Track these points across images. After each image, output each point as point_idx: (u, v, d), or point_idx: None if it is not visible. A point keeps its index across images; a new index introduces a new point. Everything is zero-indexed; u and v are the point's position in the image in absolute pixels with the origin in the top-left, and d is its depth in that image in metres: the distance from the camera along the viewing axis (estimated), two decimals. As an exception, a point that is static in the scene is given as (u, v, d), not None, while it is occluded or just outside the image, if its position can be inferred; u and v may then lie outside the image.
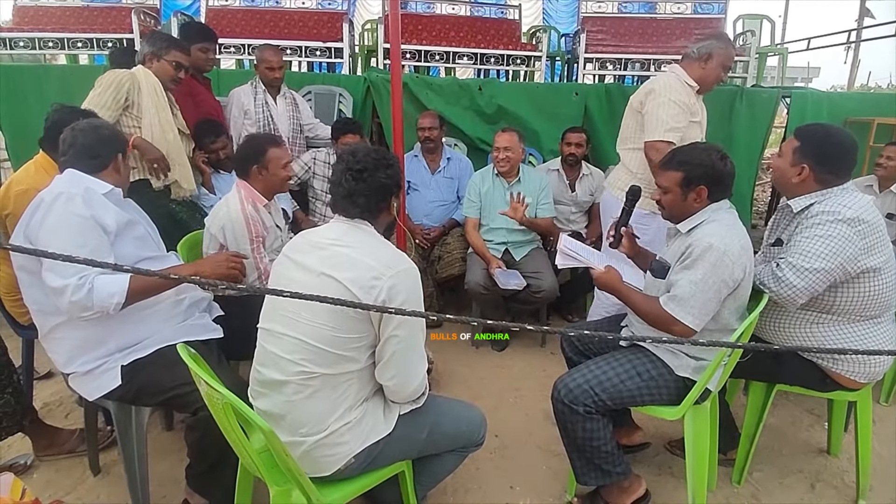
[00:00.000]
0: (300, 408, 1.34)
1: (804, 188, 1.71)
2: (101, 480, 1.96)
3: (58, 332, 1.60)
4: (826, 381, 1.79)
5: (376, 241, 1.41)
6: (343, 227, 1.42)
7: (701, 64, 2.41)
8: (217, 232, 2.07)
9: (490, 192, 3.09)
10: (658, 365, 1.71)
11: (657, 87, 2.36)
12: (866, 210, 1.64)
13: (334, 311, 1.29)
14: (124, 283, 1.52)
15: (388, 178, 1.43)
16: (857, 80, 6.92)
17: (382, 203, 1.44)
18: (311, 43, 4.13)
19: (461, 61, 4.30)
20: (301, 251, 1.42)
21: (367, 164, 1.41)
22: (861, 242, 1.61)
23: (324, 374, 1.33)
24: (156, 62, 2.47)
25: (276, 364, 1.36)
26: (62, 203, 1.50)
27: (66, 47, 4.03)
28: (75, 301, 1.46)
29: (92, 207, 1.53)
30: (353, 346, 1.33)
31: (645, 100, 2.39)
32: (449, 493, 1.93)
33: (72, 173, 1.63)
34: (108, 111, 2.32)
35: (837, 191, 1.68)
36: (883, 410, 2.49)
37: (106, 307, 1.50)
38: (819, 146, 1.69)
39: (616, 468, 1.76)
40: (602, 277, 1.79)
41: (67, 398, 2.40)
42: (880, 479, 2.04)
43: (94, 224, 1.52)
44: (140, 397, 1.63)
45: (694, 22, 4.79)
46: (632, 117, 2.51)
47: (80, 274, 1.47)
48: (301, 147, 3.36)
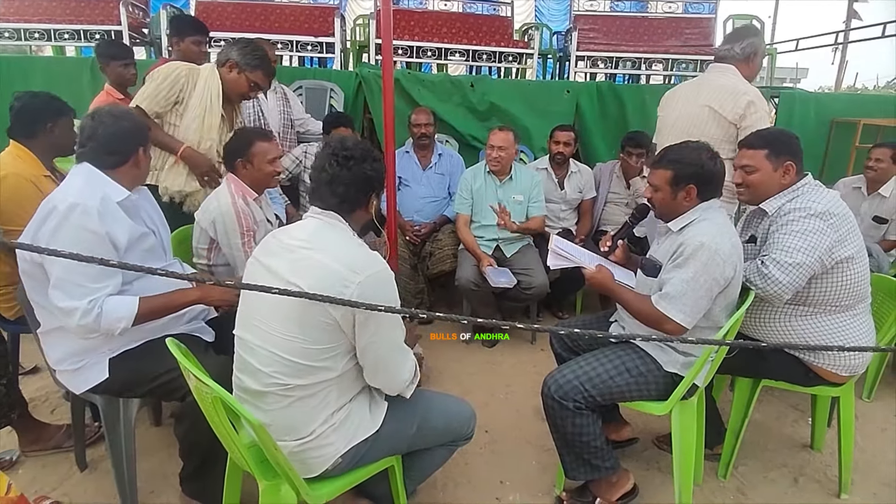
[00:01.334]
0: (281, 416, 1.32)
1: (791, 184, 1.77)
2: (88, 476, 1.94)
3: (59, 334, 1.58)
4: (809, 375, 1.82)
5: (346, 241, 1.36)
6: (314, 225, 1.37)
7: (748, 63, 2.47)
8: (207, 226, 2.06)
9: (482, 189, 3.09)
10: (647, 361, 1.73)
11: (754, 99, 2.34)
12: (834, 204, 1.72)
13: (303, 324, 1.26)
14: (133, 307, 1.50)
15: (373, 172, 1.39)
16: (843, 82, 7.01)
17: (362, 196, 1.40)
18: (302, 37, 4.10)
19: (453, 58, 4.30)
20: (272, 254, 1.37)
21: (355, 153, 1.37)
22: (834, 234, 1.68)
23: (300, 384, 1.30)
24: (235, 72, 2.34)
25: (253, 375, 1.34)
26: (77, 217, 1.43)
27: (53, 38, 3.97)
28: (83, 325, 1.45)
29: (106, 223, 1.47)
30: (326, 357, 1.30)
31: (745, 112, 2.33)
32: (439, 488, 1.94)
33: (89, 173, 1.55)
34: (158, 106, 2.26)
35: (806, 188, 1.76)
36: (865, 406, 2.54)
37: (112, 331, 1.49)
38: (786, 141, 1.78)
39: (605, 463, 1.77)
40: (594, 277, 1.81)
41: (53, 393, 2.37)
42: (862, 473, 2.08)
43: (107, 241, 1.47)
44: (127, 388, 1.62)
45: (685, 21, 4.83)
46: (717, 126, 2.41)
47: (91, 297, 1.44)
48: (292, 142, 3.34)
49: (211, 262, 2.13)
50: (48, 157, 2.07)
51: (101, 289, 1.47)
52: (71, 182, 1.54)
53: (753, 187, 1.81)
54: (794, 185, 1.77)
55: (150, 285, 1.60)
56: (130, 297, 1.51)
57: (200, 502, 1.69)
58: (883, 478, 2.08)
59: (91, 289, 1.45)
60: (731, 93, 2.39)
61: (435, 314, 1.03)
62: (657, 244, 1.86)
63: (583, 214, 3.47)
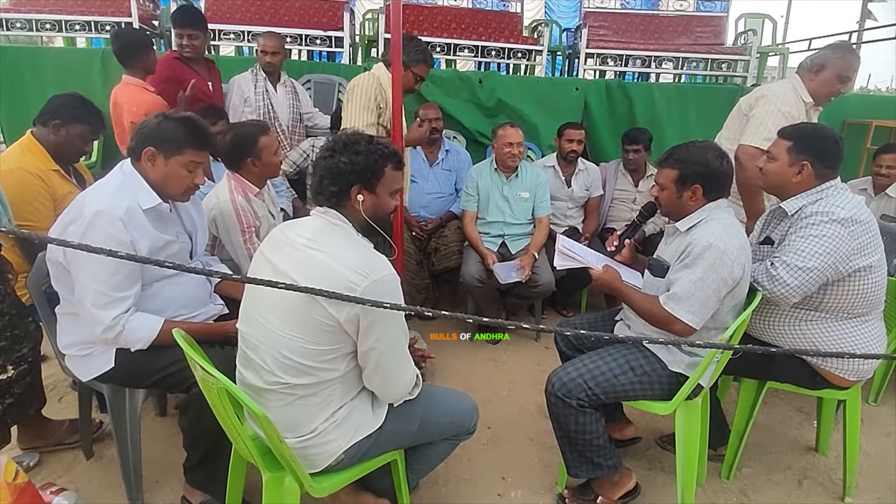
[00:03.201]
0: (283, 413, 1.31)
1: (802, 186, 1.72)
2: (94, 464, 1.96)
3: (73, 318, 1.61)
4: (816, 379, 1.81)
5: (351, 242, 1.32)
6: (318, 224, 1.35)
7: (812, 76, 2.37)
8: (208, 223, 2.07)
9: (488, 185, 3.09)
10: (652, 360, 1.73)
11: (770, 94, 2.35)
12: (859, 210, 1.66)
13: (306, 324, 1.25)
14: (154, 331, 1.54)
15: (347, 164, 1.32)
16: (856, 83, 6.94)
17: (338, 189, 1.33)
18: (311, 31, 4.10)
19: (462, 53, 4.28)
20: (278, 249, 1.35)
21: (336, 145, 1.34)
22: (854, 242, 1.63)
23: (302, 384, 1.30)
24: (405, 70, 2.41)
25: (255, 371, 1.33)
26: (103, 224, 1.46)
27: (64, 30, 3.98)
28: (104, 338, 1.52)
29: (130, 232, 1.50)
30: (328, 358, 1.29)
31: (755, 104, 2.37)
32: (441, 483, 1.94)
33: (127, 173, 1.56)
34: (371, 127, 2.41)
35: (831, 191, 1.70)
36: (871, 410, 2.52)
37: (128, 346, 1.55)
38: (814, 141, 1.71)
39: (607, 461, 1.77)
40: (601, 277, 1.80)
41: (61, 382, 2.39)
42: (867, 477, 2.07)
43: (132, 249, 1.50)
44: (133, 378, 1.63)
45: (696, 20, 4.78)
46: (738, 119, 2.48)
47: (116, 314, 1.49)
48: (300, 135, 3.35)
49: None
50: (57, 157, 2.08)
51: (125, 299, 1.51)
52: (108, 182, 1.57)
53: (767, 175, 1.81)
54: (819, 187, 1.71)
55: (171, 291, 1.64)
56: (155, 319, 1.55)
57: (204, 492, 1.71)
58: (887, 481, 2.06)
59: (115, 299, 1.49)
60: (760, 88, 2.44)
61: (441, 312, 1.02)
62: (664, 244, 1.85)
63: (589, 213, 3.46)
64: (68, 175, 2.14)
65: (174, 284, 1.65)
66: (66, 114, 2.01)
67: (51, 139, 2.03)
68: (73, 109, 2.02)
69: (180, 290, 1.66)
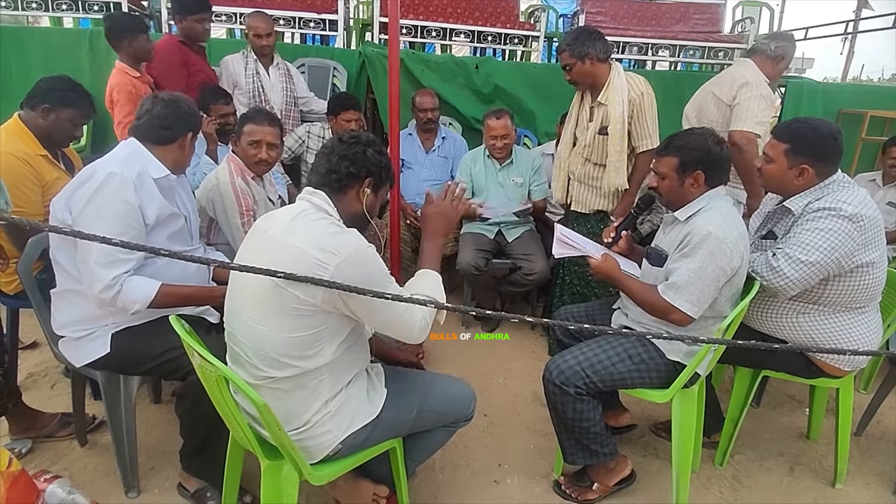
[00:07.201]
0: (275, 407, 1.28)
1: (805, 186, 1.70)
2: (89, 451, 1.95)
3: (70, 297, 1.60)
4: (811, 368, 1.82)
5: (324, 225, 1.29)
6: (297, 209, 1.33)
7: (775, 63, 2.58)
8: (206, 205, 2.05)
9: (481, 172, 3.07)
10: (649, 348, 1.73)
11: (750, 81, 2.44)
12: (865, 205, 1.63)
13: (278, 313, 1.24)
14: (151, 292, 1.54)
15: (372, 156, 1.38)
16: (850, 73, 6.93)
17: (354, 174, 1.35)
18: (304, 14, 4.02)
19: (458, 38, 4.23)
20: (256, 241, 1.36)
21: (361, 138, 1.40)
22: (860, 238, 1.61)
23: (286, 377, 1.29)
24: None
25: (243, 367, 1.33)
26: (115, 185, 1.49)
27: (50, 9, 3.88)
28: (102, 297, 1.51)
29: (140, 196, 1.53)
30: (313, 346, 1.28)
31: (738, 93, 2.45)
32: (438, 470, 1.95)
33: (133, 147, 1.61)
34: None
35: (835, 185, 1.68)
36: (862, 398, 2.54)
37: (126, 309, 1.54)
38: (813, 142, 1.66)
39: (603, 449, 1.78)
40: (599, 266, 1.80)
41: (53, 368, 2.37)
42: (857, 464, 2.10)
43: (139, 214, 1.53)
44: (128, 365, 1.62)
45: (693, 7, 4.75)
46: (717, 110, 2.56)
47: (116, 274, 1.49)
48: (295, 120, 3.30)
49: (210, 242, 2.12)
50: (46, 141, 2.03)
51: (127, 261, 1.51)
52: (116, 153, 1.60)
53: (766, 177, 1.77)
54: (822, 183, 1.68)
55: (171, 270, 1.63)
56: (152, 282, 1.55)
57: (201, 479, 1.70)
58: (877, 468, 2.10)
59: (119, 259, 1.50)
60: (732, 77, 2.53)
61: (441, 304, 1.00)
62: (663, 233, 1.85)
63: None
64: (56, 160, 2.09)
65: (175, 263, 1.63)
66: (56, 97, 1.96)
67: (39, 123, 1.97)
68: (63, 93, 1.97)
69: (180, 269, 1.65)
